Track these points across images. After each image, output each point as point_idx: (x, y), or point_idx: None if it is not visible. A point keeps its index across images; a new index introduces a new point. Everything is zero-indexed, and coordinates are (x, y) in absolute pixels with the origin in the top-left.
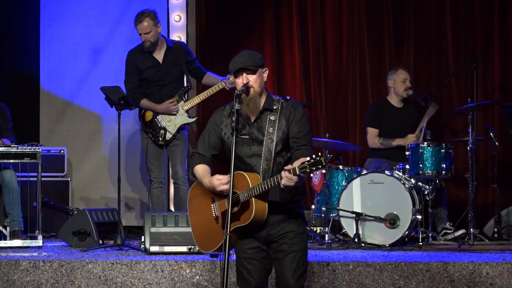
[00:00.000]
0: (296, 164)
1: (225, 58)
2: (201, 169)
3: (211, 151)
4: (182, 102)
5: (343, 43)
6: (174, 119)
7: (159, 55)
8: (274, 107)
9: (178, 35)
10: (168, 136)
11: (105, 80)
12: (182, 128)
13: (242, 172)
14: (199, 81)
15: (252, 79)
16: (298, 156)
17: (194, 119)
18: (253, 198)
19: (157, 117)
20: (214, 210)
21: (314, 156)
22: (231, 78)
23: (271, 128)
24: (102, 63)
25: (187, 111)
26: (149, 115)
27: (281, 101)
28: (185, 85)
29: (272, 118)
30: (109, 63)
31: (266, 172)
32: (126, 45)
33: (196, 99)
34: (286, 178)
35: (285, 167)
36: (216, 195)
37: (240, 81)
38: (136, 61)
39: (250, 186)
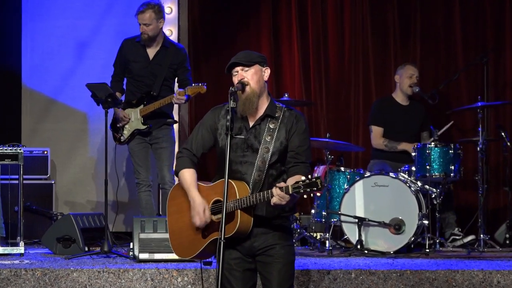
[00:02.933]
0: (290, 182)
1: (219, 53)
2: (188, 176)
3: (202, 148)
4: (141, 107)
5: (345, 37)
6: (131, 122)
7: (151, 52)
8: (276, 115)
9: (169, 28)
10: (123, 139)
11: (91, 76)
12: (166, 127)
13: (231, 181)
14: None
15: (247, 75)
16: (294, 173)
17: (145, 127)
18: (238, 210)
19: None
20: None
21: (310, 176)
22: (180, 92)
23: (268, 137)
24: (88, 58)
25: (143, 117)
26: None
27: (283, 109)
28: (175, 88)
29: (272, 126)
30: (96, 58)
31: (257, 184)
32: (114, 38)
33: (151, 107)
34: (278, 196)
35: (277, 184)
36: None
37: (235, 80)
38: (126, 50)
39: (238, 197)
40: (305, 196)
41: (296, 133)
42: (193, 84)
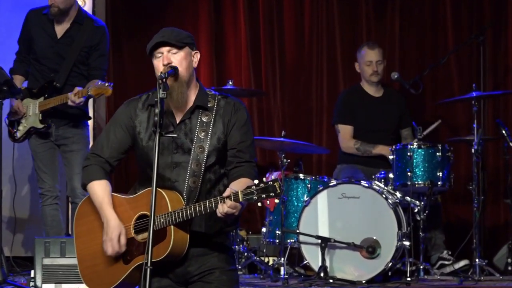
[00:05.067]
0: (239, 186)
1: (145, 30)
2: (100, 190)
3: (117, 153)
4: (41, 99)
5: (304, 9)
6: (28, 117)
7: (61, 28)
8: (208, 105)
9: None
10: (17, 136)
11: None
12: (78, 125)
13: (160, 190)
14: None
15: (176, 60)
16: (238, 175)
17: (42, 126)
18: (171, 227)
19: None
20: None
21: (265, 179)
22: (78, 92)
23: (202, 133)
24: None
25: (41, 112)
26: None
27: (217, 97)
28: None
29: (205, 119)
30: None
31: (192, 192)
32: (9, 11)
33: (51, 102)
34: (227, 206)
35: (224, 194)
36: (117, 216)
37: (160, 64)
38: (31, 24)
39: (170, 210)
40: (259, 204)
41: (236, 126)
42: (99, 83)
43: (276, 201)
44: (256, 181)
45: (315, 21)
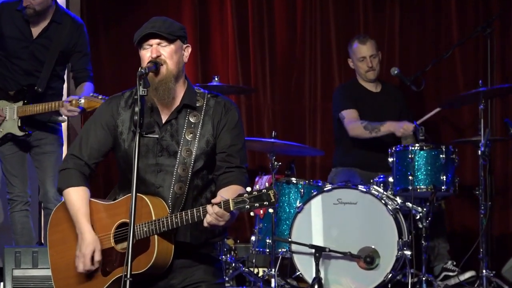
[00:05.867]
0: (229, 194)
1: (123, 22)
2: (76, 198)
3: (97, 154)
4: (20, 104)
5: (297, 1)
6: (6, 121)
7: (37, 28)
8: (197, 104)
9: None
10: None
11: None
12: (53, 126)
13: (143, 196)
14: (75, 86)
15: (166, 53)
16: (228, 182)
17: (22, 134)
18: (155, 236)
19: None
20: None
21: (258, 187)
22: (74, 102)
23: (190, 135)
24: None
25: (20, 118)
26: None
27: (207, 96)
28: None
29: (193, 120)
30: None
31: (178, 199)
32: None
33: (32, 109)
34: (215, 215)
35: (213, 200)
36: (94, 224)
37: (147, 56)
38: (2, 18)
39: (154, 218)
40: (251, 214)
41: (227, 128)
42: (91, 94)
43: (270, 210)
44: (248, 189)
45: (308, 12)
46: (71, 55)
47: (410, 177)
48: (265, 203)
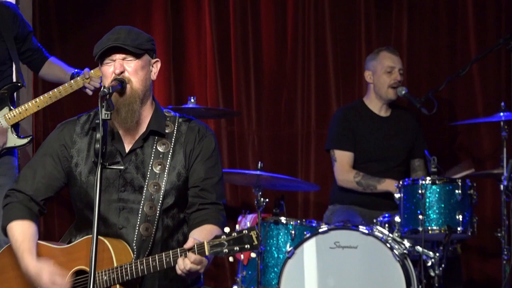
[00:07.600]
0: (203, 235)
1: (82, 30)
2: (19, 232)
3: (46, 190)
4: (6, 111)
5: (287, 6)
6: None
7: None
8: (166, 130)
9: None
10: None
11: None
12: (6, 153)
13: (103, 239)
14: (35, 72)
15: (131, 69)
16: (201, 220)
17: (26, 141)
18: (117, 286)
19: None
20: None
21: (238, 227)
22: (93, 72)
23: (158, 167)
24: None
25: (13, 127)
26: None
27: (178, 120)
28: (14, 79)
29: (162, 149)
30: None
31: (144, 242)
32: None
33: (31, 108)
34: (191, 262)
35: (186, 245)
36: None
37: (110, 72)
38: None
39: (115, 264)
40: (230, 259)
41: (200, 158)
42: (92, 71)
43: (253, 255)
44: (226, 229)
45: (301, 21)
46: (14, 39)
47: (421, 217)
48: (246, 246)
